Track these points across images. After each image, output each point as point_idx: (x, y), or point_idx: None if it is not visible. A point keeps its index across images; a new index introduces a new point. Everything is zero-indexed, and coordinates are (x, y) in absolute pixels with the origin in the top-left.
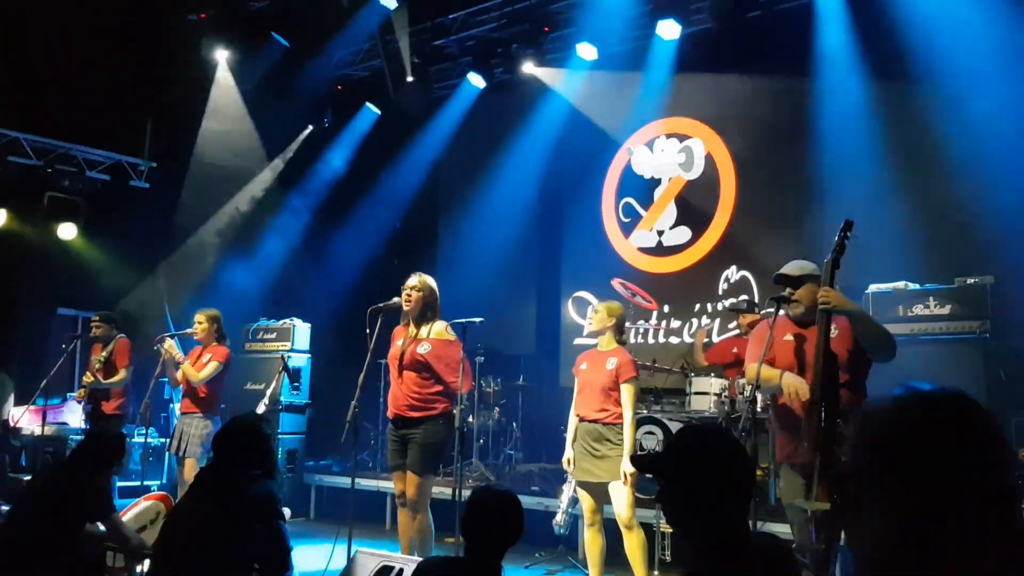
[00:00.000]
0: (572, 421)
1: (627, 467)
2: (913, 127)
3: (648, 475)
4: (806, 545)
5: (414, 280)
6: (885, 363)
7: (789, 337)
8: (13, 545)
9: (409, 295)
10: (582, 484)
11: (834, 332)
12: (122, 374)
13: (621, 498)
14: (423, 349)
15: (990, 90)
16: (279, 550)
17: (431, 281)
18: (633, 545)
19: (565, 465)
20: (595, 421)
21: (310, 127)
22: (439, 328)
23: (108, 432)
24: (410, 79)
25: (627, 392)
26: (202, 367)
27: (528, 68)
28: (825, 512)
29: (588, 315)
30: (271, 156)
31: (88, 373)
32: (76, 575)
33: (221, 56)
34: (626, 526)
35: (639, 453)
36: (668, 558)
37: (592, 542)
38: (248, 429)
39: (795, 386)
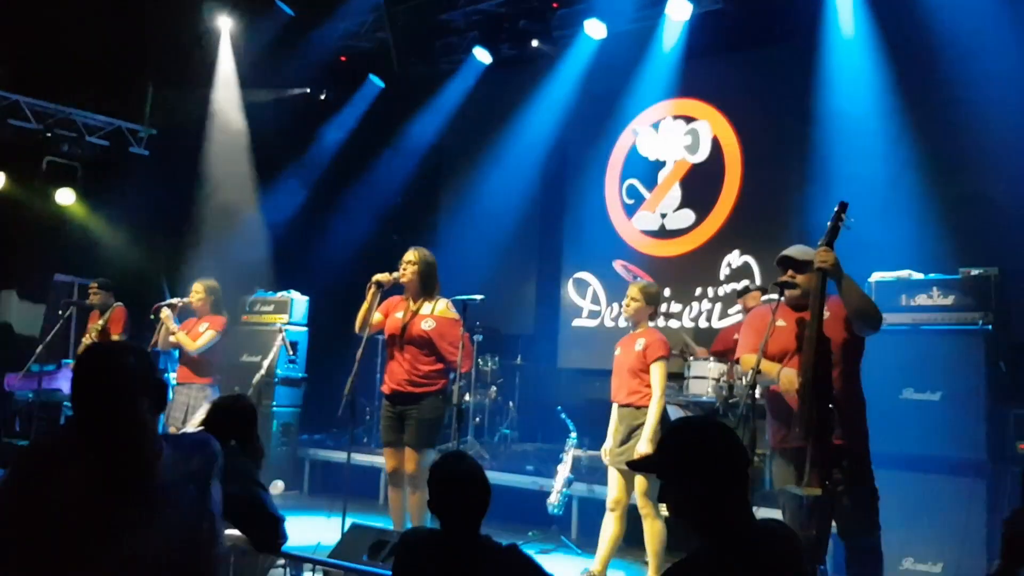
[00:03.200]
0: (614, 409)
1: (642, 448)
2: (922, 115)
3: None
4: (797, 530)
5: (410, 255)
6: (868, 334)
7: (782, 322)
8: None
9: (405, 270)
10: (617, 469)
11: (826, 316)
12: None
13: (642, 485)
14: (427, 325)
15: (1000, 78)
16: (263, 516)
17: (428, 255)
18: (652, 533)
19: (604, 455)
20: (628, 405)
21: (307, 89)
22: (442, 306)
23: None
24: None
25: (656, 371)
26: (198, 336)
27: (534, 41)
28: (817, 498)
29: (624, 301)
30: (270, 125)
31: (87, 336)
32: None
33: (224, 25)
34: (645, 514)
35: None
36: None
37: (609, 528)
38: (237, 408)
39: (787, 381)
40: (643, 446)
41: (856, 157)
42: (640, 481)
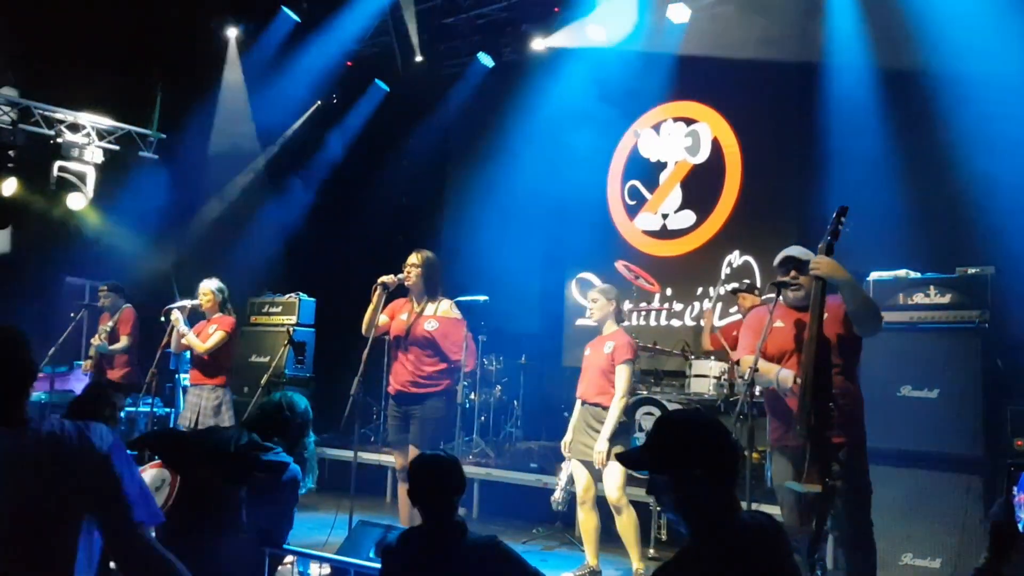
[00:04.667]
0: (577, 404)
1: (600, 446)
2: (919, 115)
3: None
4: (795, 527)
5: (414, 257)
6: (870, 336)
7: (779, 323)
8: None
9: (409, 271)
10: (580, 461)
11: (825, 316)
12: (123, 342)
13: (610, 479)
14: (430, 327)
15: (997, 79)
16: (282, 526)
17: (431, 257)
18: (625, 525)
19: (563, 448)
20: (596, 404)
21: (318, 102)
22: (446, 306)
23: (91, 389)
24: (419, 59)
25: (620, 372)
26: (207, 337)
27: (537, 44)
28: (816, 494)
29: (588, 304)
30: (278, 130)
31: (96, 337)
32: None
33: (232, 31)
34: (615, 506)
35: (625, 450)
36: (664, 537)
37: (586, 520)
38: (296, 416)
39: (784, 382)
40: (601, 444)
41: (854, 157)
42: (616, 475)
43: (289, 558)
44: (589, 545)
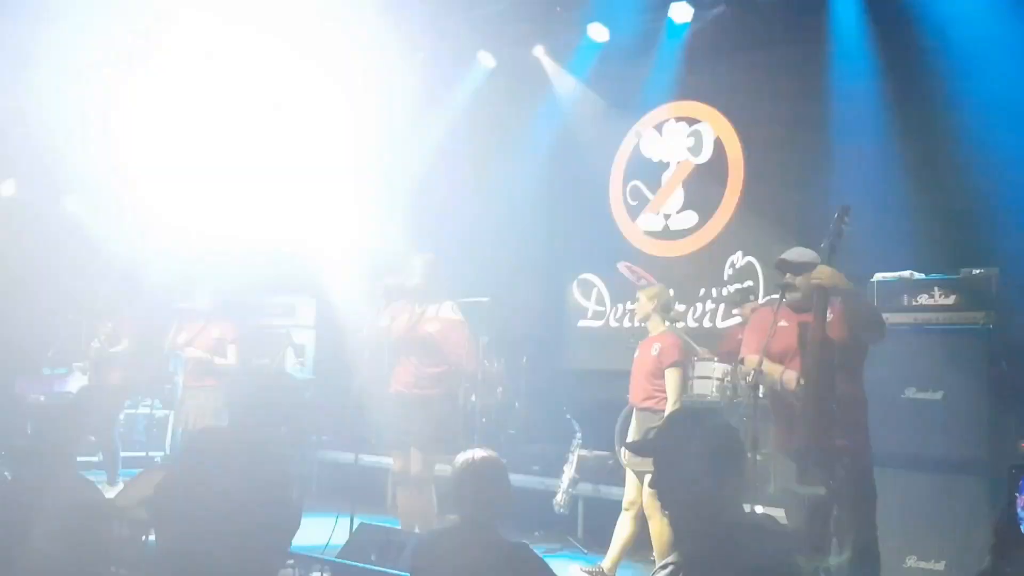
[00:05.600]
0: (634, 411)
1: None
2: (923, 115)
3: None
4: (799, 530)
5: (415, 258)
6: (874, 344)
7: (784, 323)
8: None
9: (411, 273)
10: (636, 472)
11: (829, 317)
12: (125, 344)
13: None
14: (432, 328)
15: (1002, 79)
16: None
17: (433, 258)
18: (658, 531)
19: (622, 457)
20: (645, 408)
21: None
22: (447, 308)
23: (83, 391)
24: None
25: (671, 377)
26: (211, 342)
27: (538, 52)
28: (819, 497)
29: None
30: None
31: (95, 340)
32: None
33: None
34: (650, 514)
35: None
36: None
37: (620, 527)
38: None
39: (788, 383)
40: None
41: (857, 158)
42: (648, 481)
43: (290, 562)
44: (614, 550)
